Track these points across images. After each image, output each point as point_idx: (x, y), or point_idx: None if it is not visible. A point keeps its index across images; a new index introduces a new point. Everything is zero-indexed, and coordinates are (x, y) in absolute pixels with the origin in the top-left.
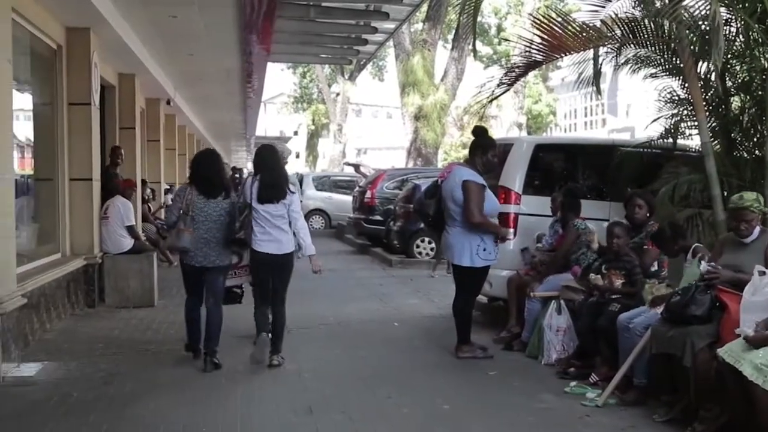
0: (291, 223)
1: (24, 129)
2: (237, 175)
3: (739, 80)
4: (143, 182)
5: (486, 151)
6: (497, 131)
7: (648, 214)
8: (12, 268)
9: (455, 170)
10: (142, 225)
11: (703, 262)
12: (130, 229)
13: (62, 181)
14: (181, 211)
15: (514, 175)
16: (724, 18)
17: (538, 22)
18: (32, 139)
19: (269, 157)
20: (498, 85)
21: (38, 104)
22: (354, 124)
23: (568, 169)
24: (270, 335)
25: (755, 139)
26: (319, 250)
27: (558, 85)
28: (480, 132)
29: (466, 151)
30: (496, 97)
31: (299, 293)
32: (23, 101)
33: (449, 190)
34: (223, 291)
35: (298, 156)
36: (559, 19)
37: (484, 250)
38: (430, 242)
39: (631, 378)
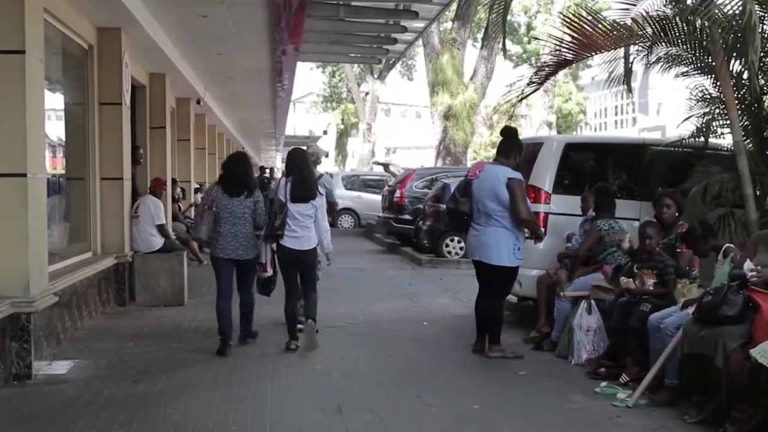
0: (315, 222)
1: (55, 128)
2: (266, 175)
3: None
4: (173, 181)
5: (520, 151)
6: (527, 130)
7: (677, 214)
8: (44, 266)
9: (492, 169)
10: (172, 224)
11: (747, 261)
12: (161, 228)
13: (93, 180)
14: (205, 207)
15: (544, 175)
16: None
17: (569, 20)
18: (64, 138)
19: (301, 160)
20: (528, 84)
21: (69, 104)
22: (383, 124)
23: (598, 169)
24: (307, 321)
25: None
26: (348, 249)
27: (588, 84)
28: (515, 133)
29: (494, 151)
30: (525, 96)
31: (328, 292)
32: (55, 101)
33: (488, 188)
34: (254, 280)
35: (327, 155)
36: (590, 18)
37: (519, 249)
38: (459, 241)
39: (662, 378)
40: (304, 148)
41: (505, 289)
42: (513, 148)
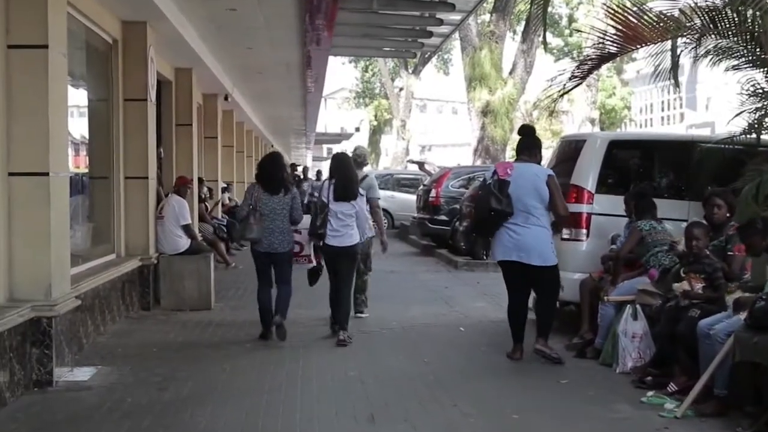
0: (357, 220)
1: (79, 125)
2: (297, 173)
3: None
4: (200, 180)
5: (540, 149)
6: (568, 127)
7: (728, 215)
8: (66, 269)
9: (526, 167)
10: (198, 224)
11: None
12: (186, 229)
13: (117, 179)
14: (251, 207)
15: (587, 173)
16: None
17: (612, 12)
18: (87, 135)
19: (343, 163)
20: (569, 79)
21: (93, 100)
22: (418, 120)
23: (643, 167)
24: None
25: None
26: (381, 251)
27: (633, 78)
28: (533, 131)
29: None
30: (567, 92)
31: None
32: (78, 97)
33: (529, 186)
34: (291, 273)
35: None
36: (635, 9)
37: (553, 246)
38: None
39: (710, 388)
40: (346, 151)
41: (557, 286)
42: (533, 146)
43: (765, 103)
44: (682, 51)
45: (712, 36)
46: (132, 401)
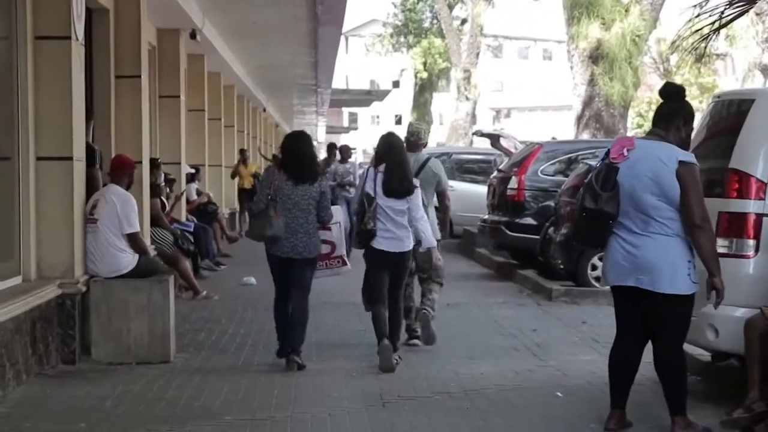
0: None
1: None
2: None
3: None
4: (153, 163)
5: (689, 120)
6: (726, 81)
7: None
8: None
9: (649, 147)
10: (151, 231)
11: None
12: (133, 239)
13: (24, 160)
14: (269, 197)
15: (756, 152)
16: None
17: None
18: None
19: (396, 146)
20: (729, 4)
21: None
22: (490, 70)
23: None
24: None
25: None
26: None
27: None
28: (676, 92)
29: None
30: (724, 25)
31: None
32: None
33: (647, 176)
34: (311, 284)
35: (399, 121)
36: None
37: (693, 267)
38: None
39: None
40: (418, 126)
41: (684, 328)
42: (676, 115)
43: None
44: None
45: None
46: None
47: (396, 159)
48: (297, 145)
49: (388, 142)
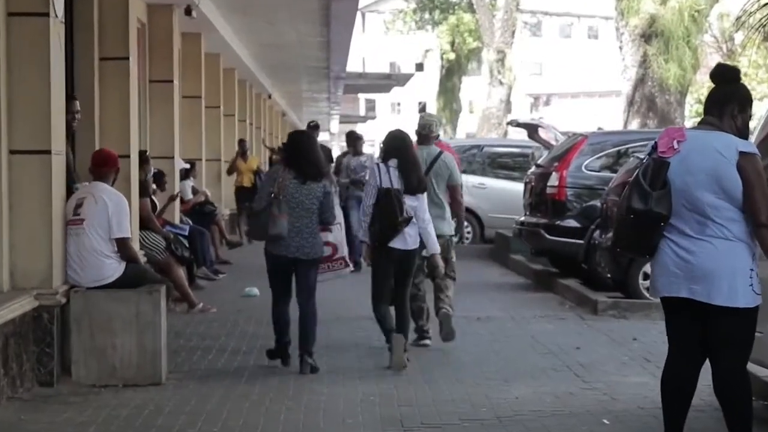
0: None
1: None
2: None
3: None
4: (142, 157)
5: (745, 106)
6: None
7: None
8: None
9: (704, 137)
10: (140, 235)
11: None
12: (122, 244)
13: None
14: (272, 195)
15: None
16: None
17: None
18: None
19: (406, 143)
20: None
21: None
22: (528, 51)
23: None
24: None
25: None
26: (462, 282)
27: None
28: (729, 74)
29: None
30: None
31: (431, 361)
32: None
33: (702, 170)
34: (315, 287)
35: (423, 109)
36: None
37: (756, 276)
38: None
39: None
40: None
41: (747, 346)
42: (730, 101)
43: None
44: None
45: None
46: None
47: (411, 155)
48: (303, 142)
49: (400, 137)
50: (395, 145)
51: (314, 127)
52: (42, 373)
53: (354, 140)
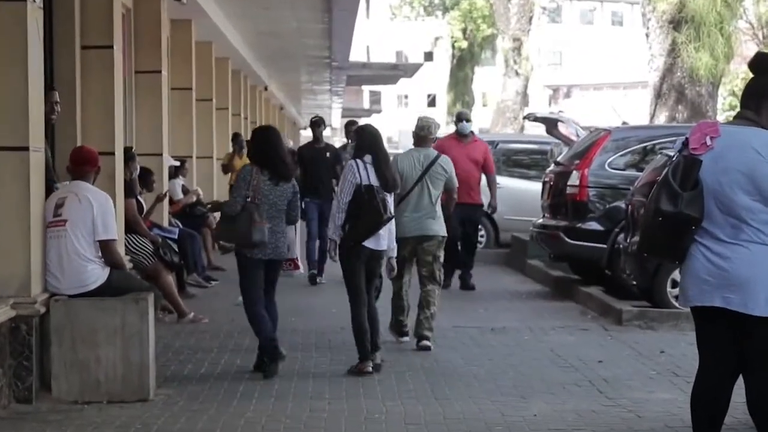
0: None
1: None
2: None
3: None
4: (127, 154)
5: None
6: None
7: None
8: None
9: (739, 133)
10: (126, 238)
11: None
12: (107, 248)
13: None
14: (248, 200)
15: None
16: None
17: None
18: None
19: (379, 138)
20: None
21: None
22: (546, 39)
23: None
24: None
25: None
26: (476, 289)
27: None
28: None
29: None
30: None
31: (441, 376)
32: None
33: (739, 171)
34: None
35: (433, 102)
36: None
37: None
38: None
39: None
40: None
41: None
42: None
43: None
44: None
45: None
46: None
47: (385, 152)
48: (274, 140)
49: (374, 133)
50: (371, 141)
51: (318, 123)
52: (20, 389)
53: (359, 132)
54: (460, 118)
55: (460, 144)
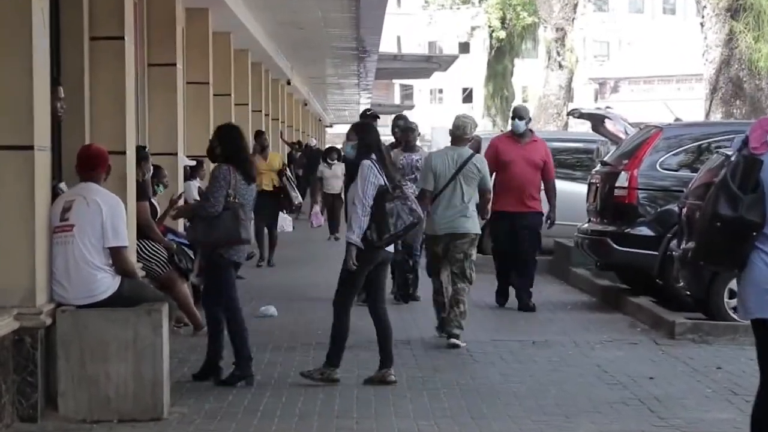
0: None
1: None
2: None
3: None
4: (140, 153)
5: None
6: None
7: None
8: None
9: None
10: (138, 244)
11: None
12: (118, 255)
13: None
14: (230, 199)
15: None
16: None
17: None
18: None
19: (378, 134)
20: None
21: None
22: (592, 29)
23: None
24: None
25: None
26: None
27: None
28: None
29: None
30: None
31: (478, 393)
32: None
33: None
34: None
35: (469, 97)
36: None
37: None
38: None
39: None
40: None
41: None
42: None
43: None
44: None
45: None
46: None
47: (387, 151)
48: (244, 140)
49: (376, 130)
50: (375, 138)
51: (373, 117)
52: (24, 407)
53: (405, 130)
54: (514, 115)
55: (517, 144)
